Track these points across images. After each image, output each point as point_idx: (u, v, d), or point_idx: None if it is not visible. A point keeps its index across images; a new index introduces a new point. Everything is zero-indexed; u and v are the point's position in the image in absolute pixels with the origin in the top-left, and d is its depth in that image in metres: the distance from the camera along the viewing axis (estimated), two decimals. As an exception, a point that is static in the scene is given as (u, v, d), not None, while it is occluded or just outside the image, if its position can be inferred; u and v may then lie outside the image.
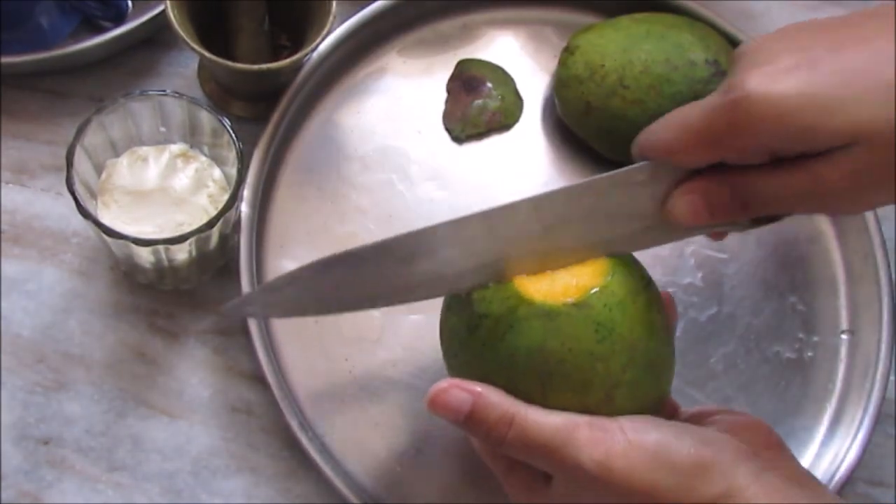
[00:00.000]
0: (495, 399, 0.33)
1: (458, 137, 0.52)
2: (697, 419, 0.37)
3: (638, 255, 0.38)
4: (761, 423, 0.36)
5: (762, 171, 0.32)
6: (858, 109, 0.29)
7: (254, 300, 0.39)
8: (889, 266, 0.49)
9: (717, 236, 0.40)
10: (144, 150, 0.45)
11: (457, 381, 0.34)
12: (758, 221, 0.36)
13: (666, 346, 0.37)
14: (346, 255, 0.36)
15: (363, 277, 0.36)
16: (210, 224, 0.41)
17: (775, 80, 0.30)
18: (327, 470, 0.43)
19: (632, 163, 0.35)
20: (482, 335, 0.35)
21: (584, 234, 0.36)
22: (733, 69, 0.33)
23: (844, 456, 0.46)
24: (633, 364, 0.34)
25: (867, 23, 0.32)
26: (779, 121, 0.30)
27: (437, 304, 0.39)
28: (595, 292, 0.34)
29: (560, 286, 0.35)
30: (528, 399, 0.34)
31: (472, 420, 0.34)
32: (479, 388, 0.34)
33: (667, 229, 0.36)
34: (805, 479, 0.34)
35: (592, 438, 0.32)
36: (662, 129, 0.35)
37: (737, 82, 0.31)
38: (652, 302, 0.36)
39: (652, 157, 0.35)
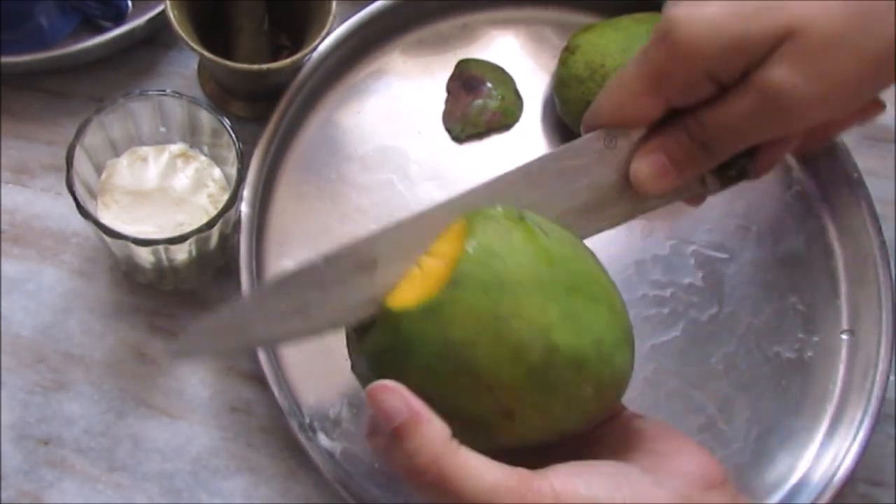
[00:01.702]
0: (430, 426, 0.29)
1: (458, 137, 0.52)
2: (638, 430, 0.34)
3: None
4: (703, 458, 0.33)
5: (713, 105, 0.32)
6: (780, 8, 0.29)
7: (203, 337, 0.32)
8: (889, 266, 0.49)
9: (693, 201, 0.38)
10: (144, 150, 0.45)
11: (406, 391, 0.30)
12: (726, 179, 0.35)
13: (579, 261, 0.33)
14: (295, 276, 0.32)
15: (321, 297, 0.32)
16: (210, 224, 0.41)
17: (698, 3, 0.31)
18: (327, 470, 0.43)
19: None
20: (392, 370, 0.31)
21: (547, 216, 0.35)
22: (664, 8, 0.33)
23: (844, 456, 0.46)
24: (552, 297, 0.31)
25: None
26: (710, 38, 0.30)
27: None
28: (465, 257, 0.30)
29: (430, 274, 0.32)
30: (472, 397, 0.31)
31: (396, 436, 0.29)
32: (422, 412, 0.29)
33: (636, 199, 0.35)
34: None
35: (517, 498, 0.29)
36: (605, 96, 0.34)
37: (665, 13, 0.31)
38: (531, 230, 0.32)
39: (603, 126, 0.34)
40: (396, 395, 0.29)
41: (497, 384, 0.30)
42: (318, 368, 0.46)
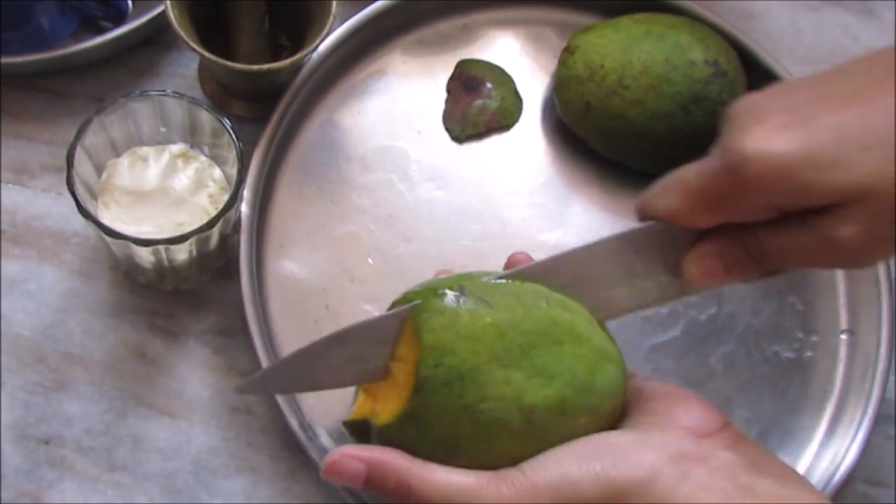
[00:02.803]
0: (393, 464, 0.32)
1: (458, 137, 0.52)
2: (637, 394, 0.36)
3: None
4: (697, 407, 0.34)
5: (771, 228, 0.32)
6: (856, 166, 0.29)
7: (268, 377, 0.37)
8: (888, 266, 0.49)
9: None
10: (144, 150, 0.45)
11: (349, 449, 0.33)
12: (766, 273, 0.36)
13: (529, 315, 0.34)
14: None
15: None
16: (210, 224, 0.41)
17: (771, 139, 0.30)
18: (327, 470, 0.43)
19: (633, 163, 0.35)
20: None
21: (594, 297, 0.36)
22: (726, 129, 0.33)
23: (844, 456, 0.46)
24: (512, 365, 0.32)
25: (858, 76, 0.32)
26: (778, 180, 0.30)
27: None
28: (420, 363, 0.33)
29: (400, 381, 0.34)
30: (476, 466, 0.33)
31: (370, 487, 0.32)
32: (375, 454, 0.33)
33: (677, 287, 0.36)
34: (737, 467, 0.32)
35: (495, 495, 0.31)
36: (663, 194, 0.35)
37: (732, 143, 0.31)
38: (474, 310, 0.33)
39: (655, 220, 0.35)
40: (346, 460, 0.32)
41: (491, 456, 0.33)
42: (318, 368, 0.46)
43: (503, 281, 0.35)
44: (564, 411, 0.33)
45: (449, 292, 0.34)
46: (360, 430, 0.36)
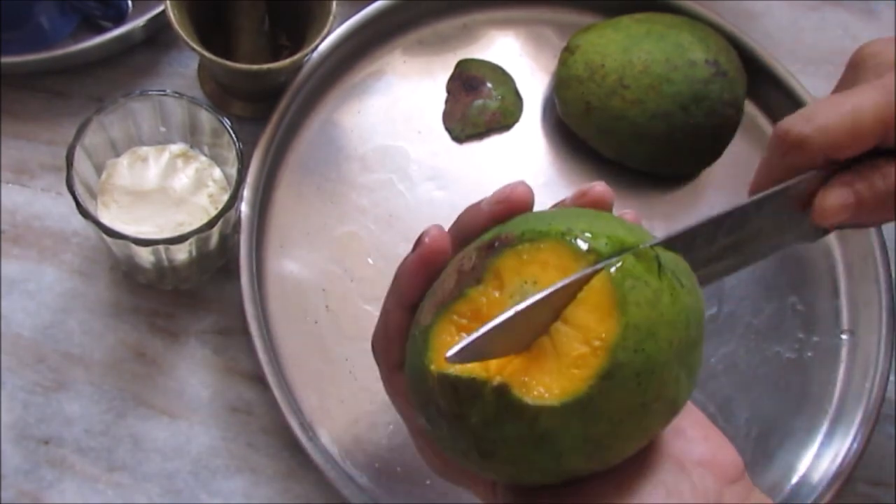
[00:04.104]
0: None
1: (458, 137, 0.52)
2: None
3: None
4: (729, 451, 0.32)
5: None
6: None
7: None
8: (889, 266, 0.49)
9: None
10: (144, 150, 0.45)
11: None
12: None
13: (699, 305, 0.29)
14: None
15: None
16: (210, 224, 0.41)
17: None
18: (327, 470, 0.43)
19: (633, 163, 0.34)
20: (500, 455, 0.27)
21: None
22: (872, 63, 0.34)
23: (845, 456, 0.46)
24: (684, 363, 0.28)
25: None
26: None
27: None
28: (620, 343, 0.26)
29: (570, 356, 0.26)
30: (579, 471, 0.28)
31: None
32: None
33: (801, 232, 0.36)
34: None
35: None
36: (828, 118, 0.34)
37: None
38: (673, 286, 0.27)
39: (804, 148, 0.34)
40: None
41: (619, 459, 0.28)
42: (319, 369, 0.46)
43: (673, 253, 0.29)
44: (677, 411, 0.29)
45: (650, 257, 0.27)
46: (461, 388, 0.27)
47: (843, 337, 0.50)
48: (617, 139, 0.49)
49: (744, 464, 0.33)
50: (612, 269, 0.27)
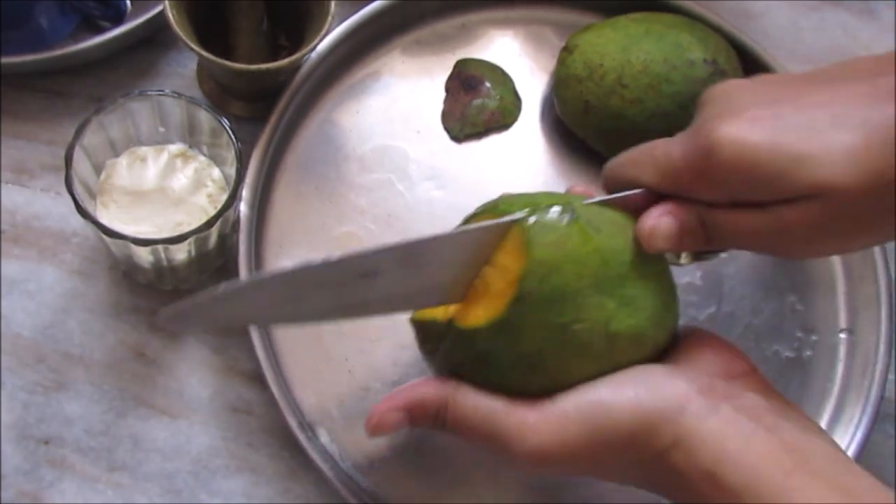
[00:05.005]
0: (428, 399, 0.34)
1: (457, 137, 0.52)
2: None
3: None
4: (726, 350, 0.36)
5: (726, 208, 0.34)
6: (818, 167, 0.30)
7: (193, 313, 0.33)
8: (887, 265, 0.49)
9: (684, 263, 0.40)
10: (143, 150, 0.45)
11: (384, 404, 0.35)
12: (699, 256, 0.38)
13: (628, 247, 0.34)
14: (298, 271, 0.34)
15: (317, 293, 0.34)
16: (209, 224, 0.41)
17: (745, 128, 0.32)
18: (327, 470, 0.43)
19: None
20: (466, 376, 0.35)
21: None
22: (702, 113, 0.34)
23: (843, 455, 0.46)
24: (608, 292, 0.33)
25: (838, 81, 0.33)
26: (748, 169, 0.31)
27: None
28: (527, 275, 0.33)
29: (494, 288, 0.34)
30: (546, 388, 0.34)
31: (416, 422, 0.35)
32: (410, 396, 0.35)
33: None
34: (763, 409, 0.33)
35: (522, 427, 0.33)
36: (633, 167, 0.36)
37: (708, 128, 0.32)
38: (585, 231, 0.34)
39: (617, 188, 0.37)
40: (386, 416, 0.34)
41: (567, 376, 0.33)
42: (319, 368, 0.46)
43: (606, 207, 0.36)
44: (640, 342, 0.34)
45: (560, 210, 0.34)
46: (427, 330, 0.37)
47: (842, 336, 0.50)
48: (616, 138, 0.49)
49: (751, 365, 0.35)
50: (526, 221, 0.34)
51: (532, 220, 0.34)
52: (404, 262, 0.34)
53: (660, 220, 0.35)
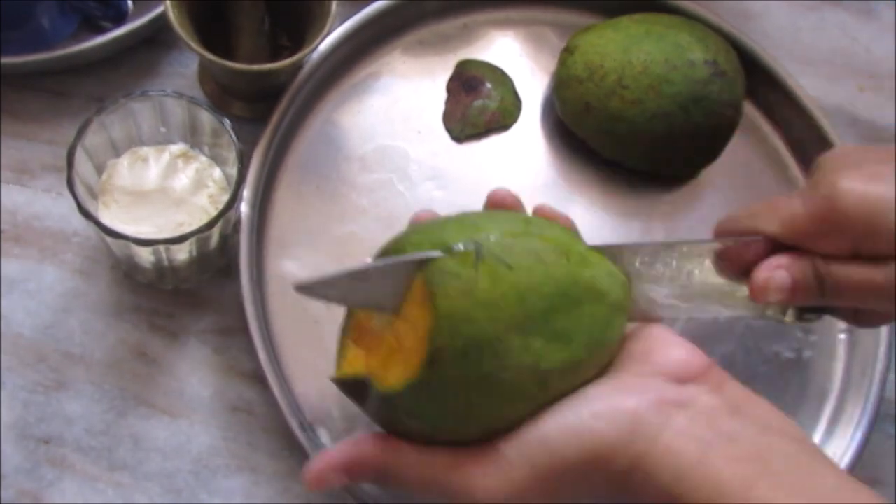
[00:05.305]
0: (366, 459, 0.33)
1: (458, 137, 0.52)
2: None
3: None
4: (678, 349, 0.34)
5: (844, 261, 0.34)
6: None
7: (334, 283, 0.34)
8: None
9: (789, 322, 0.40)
10: (145, 150, 0.45)
11: (321, 461, 0.33)
12: (803, 317, 0.37)
13: (548, 277, 0.32)
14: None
15: None
16: (210, 224, 0.41)
17: (864, 181, 0.33)
18: (327, 469, 0.43)
19: (632, 162, 0.35)
20: (399, 429, 0.33)
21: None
22: (820, 171, 0.35)
23: (843, 455, 0.46)
24: (532, 332, 0.31)
25: None
26: (868, 219, 0.33)
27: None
28: (434, 332, 0.30)
29: (406, 345, 0.32)
30: (491, 429, 0.32)
31: (355, 480, 0.33)
32: (346, 455, 0.33)
33: (727, 303, 0.37)
34: (720, 413, 0.31)
35: (467, 483, 0.31)
36: (750, 218, 0.37)
37: (830, 180, 0.34)
38: (494, 271, 0.31)
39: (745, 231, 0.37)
40: (325, 475, 0.33)
41: (503, 422, 0.31)
42: (319, 368, 0.46)
43: (522, 237, 0.33)
44: (577, 370, 0.32)
45: (463, 249, 0.31)
46: (351, 387, 0.34)
47: (842, 336, 0.50)
48: (616, 139, 0.49)
49: (706, 363, 0.33)
50: (428, 269, 0.31)
51: (430, 267, 0.31)
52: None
53: (775, 272, 0.35)
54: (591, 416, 0.31)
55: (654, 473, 0.30)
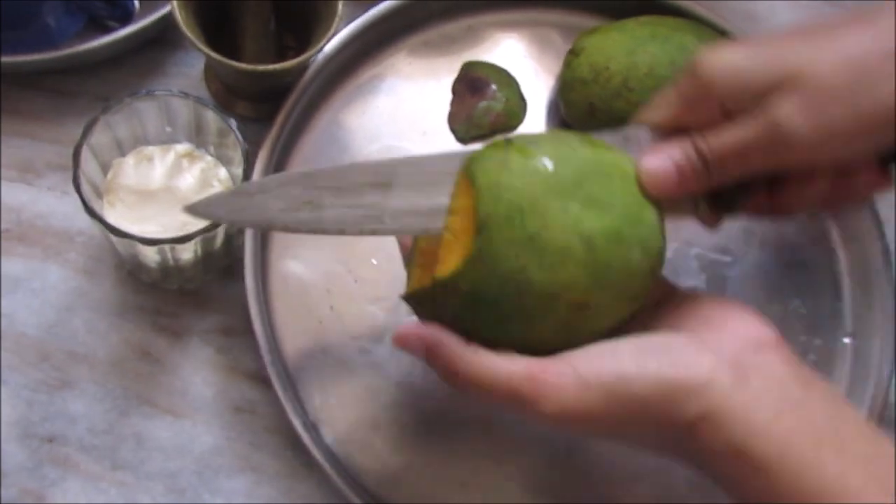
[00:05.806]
0: (443, 348, 0.33)
1: (463, 138, 0.52)
2: (691, 301, 0.36)
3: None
4: (753, 319, 0.34)
5: (718, 127, 0.35)
6: (788, 55, 0.34)
7: (220, 202, 0.37)
8: (892, 271, 0.49)
9: (708, 222, 0.39)
10: (150, 149, 0.45)
11: (413, 328, 0.34)
12: (716, 207, 0.38)
13: (575, 153, 0.34)
14: (320, 173, 0.36)
15: (335, 198, 0.36)
16: (215, 224, 0.41)
17: (724, 51, 0.35)
18: (329, 469, 0.43)
19: None
20: (470, 328, 0.34)
21: None
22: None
23: (847, 460, 0.46)
24: (567, 196, 0.33)
25: (824, 28, 0.35)
26: (725, 75, 0.34)
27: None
28: (479, 202, 0.33)
29: (460, 232, 0.34)
30: (547, 311, 0.33)
31: (429, 360, 0.34)
32: (430, 336, 0.33)
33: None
34: (791, 381, 0.33)
35: (542, 391, 0.32)
36: (640, 114, 0.39)
37: (691, 59, 0.36)
38: (524, 148, 0.34)
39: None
40: (411, 338, 0.33)
41: (560, 289, 0.33)
42: (322, 368, 0.46)
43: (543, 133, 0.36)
44: (621, 241, 0.33)
45: (496, 141, 0.35)
46: (420, 299, 0.36)
47: (846, 341, 0.50)
48: (621, 142, 0.49)
49: (778, 336, 0.34)
50: (467, 159, 0.35)
51: (468, 158, 0.35)
52: (409, 177, 0.36)
53: (652, 158, 0.35)
54: (670, 362, 0.32)
55: (725, 425, 0.31)
